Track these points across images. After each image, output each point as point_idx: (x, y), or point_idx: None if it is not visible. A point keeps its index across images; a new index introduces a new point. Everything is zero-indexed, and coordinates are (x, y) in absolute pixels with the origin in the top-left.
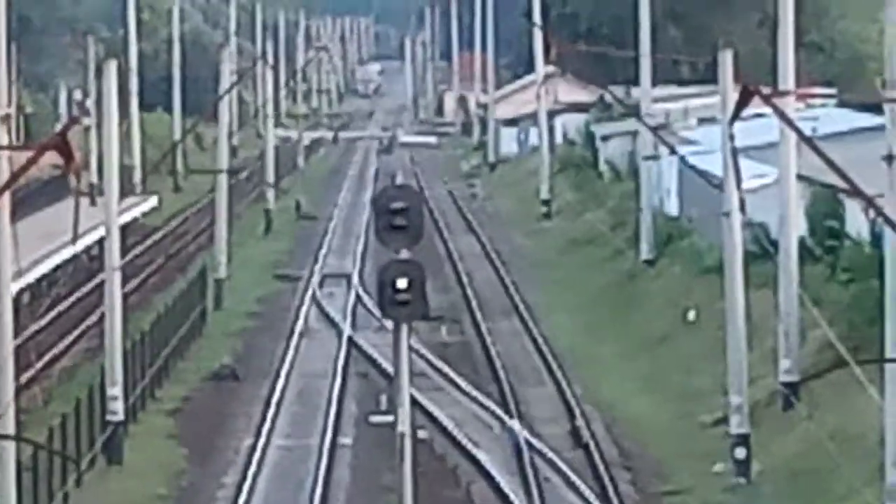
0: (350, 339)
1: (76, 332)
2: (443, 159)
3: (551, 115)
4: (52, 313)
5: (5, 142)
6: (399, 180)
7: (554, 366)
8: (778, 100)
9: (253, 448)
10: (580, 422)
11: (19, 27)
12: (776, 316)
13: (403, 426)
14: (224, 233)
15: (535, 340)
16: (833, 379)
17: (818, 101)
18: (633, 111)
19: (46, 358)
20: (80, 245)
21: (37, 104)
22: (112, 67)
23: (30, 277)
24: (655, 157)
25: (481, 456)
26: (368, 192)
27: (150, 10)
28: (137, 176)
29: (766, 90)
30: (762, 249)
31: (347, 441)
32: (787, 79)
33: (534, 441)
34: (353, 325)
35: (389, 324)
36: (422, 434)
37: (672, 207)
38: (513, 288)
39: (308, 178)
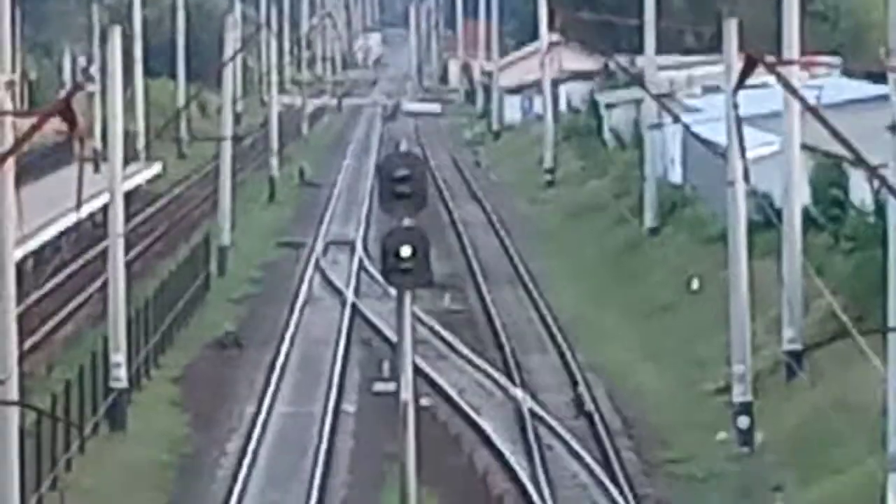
0: (353, 305)
1: (80, 299)
2: (447, 127)
3: (555, 83)
4: (56, 280)
5: (9, 108)
6: (403, 148)
7: (557, 334)
8: (782, 68)
9: (256, 415)
10: (582, 390)
11: None
12: (780, 285)
13: (406, 394)
14: (228, 200)
15: (538, 309)
16: (836, 348)
17: (823, 70)
18: (638, 79)
19: (50, 325)
20: (84, 212)
21: (41, 70)
22: (116, 34)
23: (33, 244)
24: (659, 126)
25: (484, 424)
26: (372, 159)
27: None
28: (141, 143)
29: (770, 59)
30: (766, 218)
31: (350, 408)
32: (792, 47)
33: (537, 409)
34: (357, 293)
35: (393, 291)
36: (424, 402)
37: (676, 176)
38: (516, 256)
39: (312, 145)
